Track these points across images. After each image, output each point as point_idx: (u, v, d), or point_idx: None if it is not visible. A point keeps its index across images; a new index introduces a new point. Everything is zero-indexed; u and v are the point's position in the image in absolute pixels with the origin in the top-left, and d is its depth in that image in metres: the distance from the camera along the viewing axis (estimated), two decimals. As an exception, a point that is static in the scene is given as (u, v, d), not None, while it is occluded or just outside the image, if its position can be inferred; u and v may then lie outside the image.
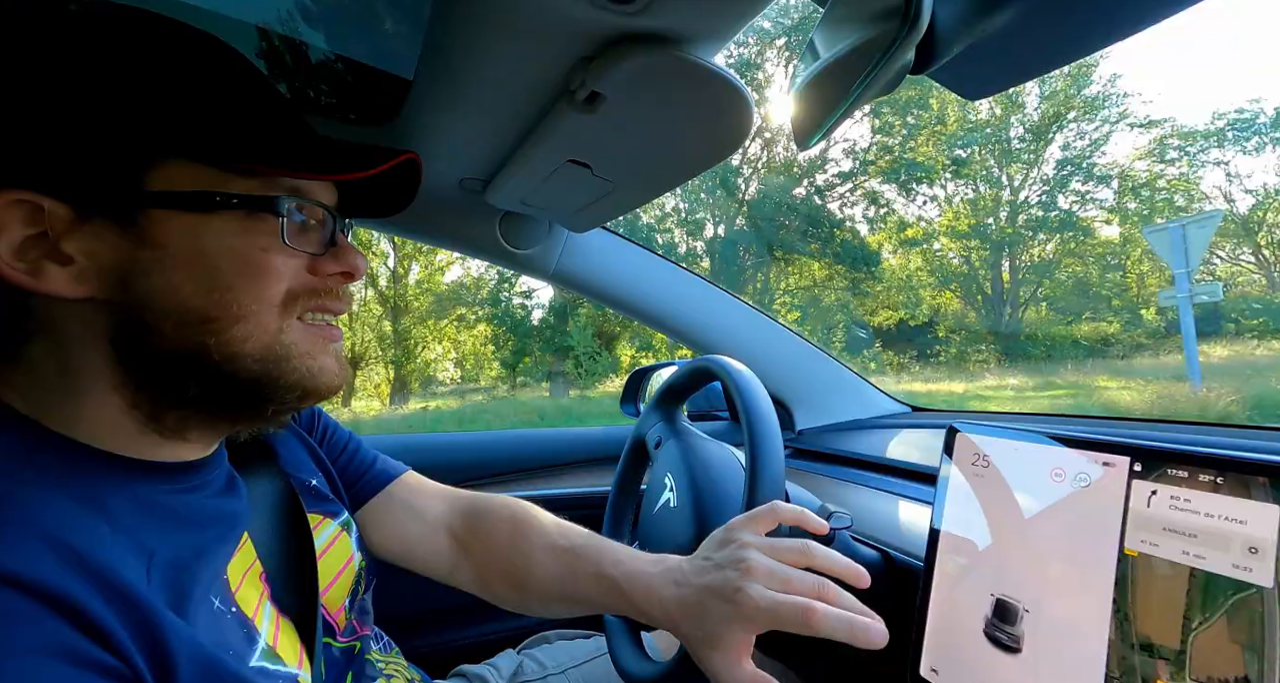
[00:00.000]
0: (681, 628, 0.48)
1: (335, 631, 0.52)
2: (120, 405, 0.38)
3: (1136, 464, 0.42)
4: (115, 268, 0.35)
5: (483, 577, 0.64)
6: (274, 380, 0.40)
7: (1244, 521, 0.36)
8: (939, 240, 17.05)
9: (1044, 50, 0.44)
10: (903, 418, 1.23)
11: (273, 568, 0.45)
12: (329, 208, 0.43)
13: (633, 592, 0.52)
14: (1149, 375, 10.01)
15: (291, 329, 0.41)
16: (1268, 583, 0.34)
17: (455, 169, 0.81)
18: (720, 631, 0.45)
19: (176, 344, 0.37)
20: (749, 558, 0.47)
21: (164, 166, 0.36)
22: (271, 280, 0.39)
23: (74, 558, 0.30)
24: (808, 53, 0.46)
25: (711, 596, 0.46)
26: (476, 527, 0.65)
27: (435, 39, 0.55)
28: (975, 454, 0.53)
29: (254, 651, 0.39)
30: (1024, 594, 0.46)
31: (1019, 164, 16.24)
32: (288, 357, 0.40)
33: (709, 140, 0.62)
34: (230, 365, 0.38)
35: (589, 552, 0.57)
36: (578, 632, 0.93)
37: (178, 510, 0.39)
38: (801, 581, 0.46)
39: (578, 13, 0.46)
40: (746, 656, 0.45)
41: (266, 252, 0.39)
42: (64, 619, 0.28)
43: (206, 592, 0.37)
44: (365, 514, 0.64)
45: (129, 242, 0.35)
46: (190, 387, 0.38)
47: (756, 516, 0.52)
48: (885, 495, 0.83)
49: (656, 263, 1.09)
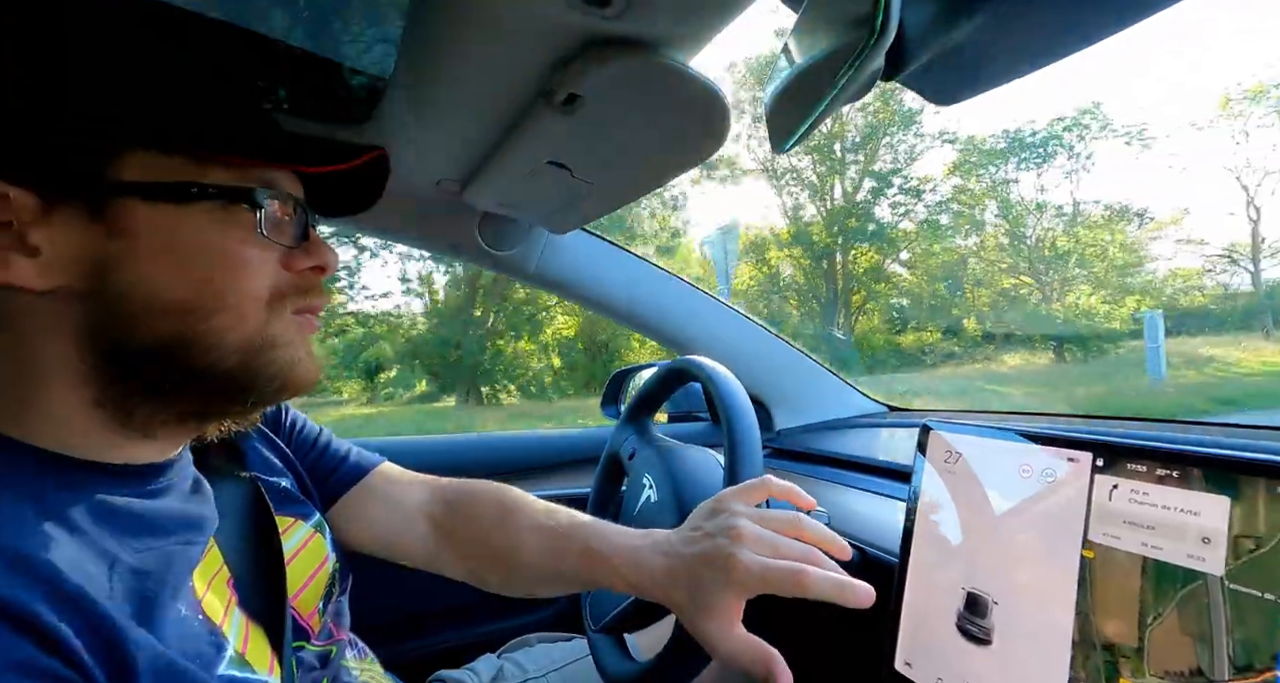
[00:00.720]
0: (673, 597, 0.48)
1: (309, 634, 0.51)
2: (85, 402, 0.37)
3: (1099, 459, 0.44)
4: (86, 259, 0.35)
5: (468, 561, 0.63)
6: (254, 371, 0.39)
7: (1197, 512, 0.37)
8: (770, 250, 17.63)
9: (1013, 57, 0.45)
10: (879, 417, 1.25)
11: (240, 573, 0.44)
12: (301, 201, 0.42)
13: (621, 565, 0.52)
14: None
15: (276, 323, 0.40)
16: (1219, 571, 0.36)
17: (432, 169, 0.80)
18: (712, 598, 0.45)
19: (155, 335, 0.36)
20: (740, 525, 0.47)
21: (134, 155, 0.35)
22: (249, 273, 0.39)
23: (30, 569, 0.29)
24: (782, 57, 0.46)
25: (702, 563, 0.47)
26: (462, 510, 0.64)
27: (413, 38, 0.55)
28: (948, 451, 0.55)
29: (222, 658, 0.38)
30: (993, 587, 0.48)
31: (842, 176, 16.97)
32: (271, 347, 0.40)
33: (687, 143, 0.63)
34: (210, 356, 0.38)
35: (576, 530, 0.57)
36: (558, 635, 0.93)
37: (140, 516, 0.38)
38: (790, 547, 0.47)
39: (555, 15, 0.46)
40: (739, 621, 0.45)
41: (242, 243, 0.38)
42: (22, 635, 0.28)
43: (172, 599, 0.37)
44: (340, 509, 0.62)
45: (99, 232, 0.35)
46: (167, 379, 0.37)
47: (750, 487, 0.52)
48: (862, 494, 0.85)
49: (636, 264, 1.09)
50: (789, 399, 1.24)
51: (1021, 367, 14.20)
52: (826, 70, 0.37)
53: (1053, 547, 0.45)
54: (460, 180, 0.82)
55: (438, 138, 0.71)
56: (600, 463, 0.87)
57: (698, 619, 0.46)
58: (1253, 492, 0.35)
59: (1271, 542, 0.34)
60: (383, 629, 0.97)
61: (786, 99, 0.45)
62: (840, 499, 0.83)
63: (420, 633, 1.07)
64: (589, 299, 1.11)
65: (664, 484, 0.69)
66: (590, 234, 1.05)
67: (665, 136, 0.62)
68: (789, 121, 0.44)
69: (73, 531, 0.33)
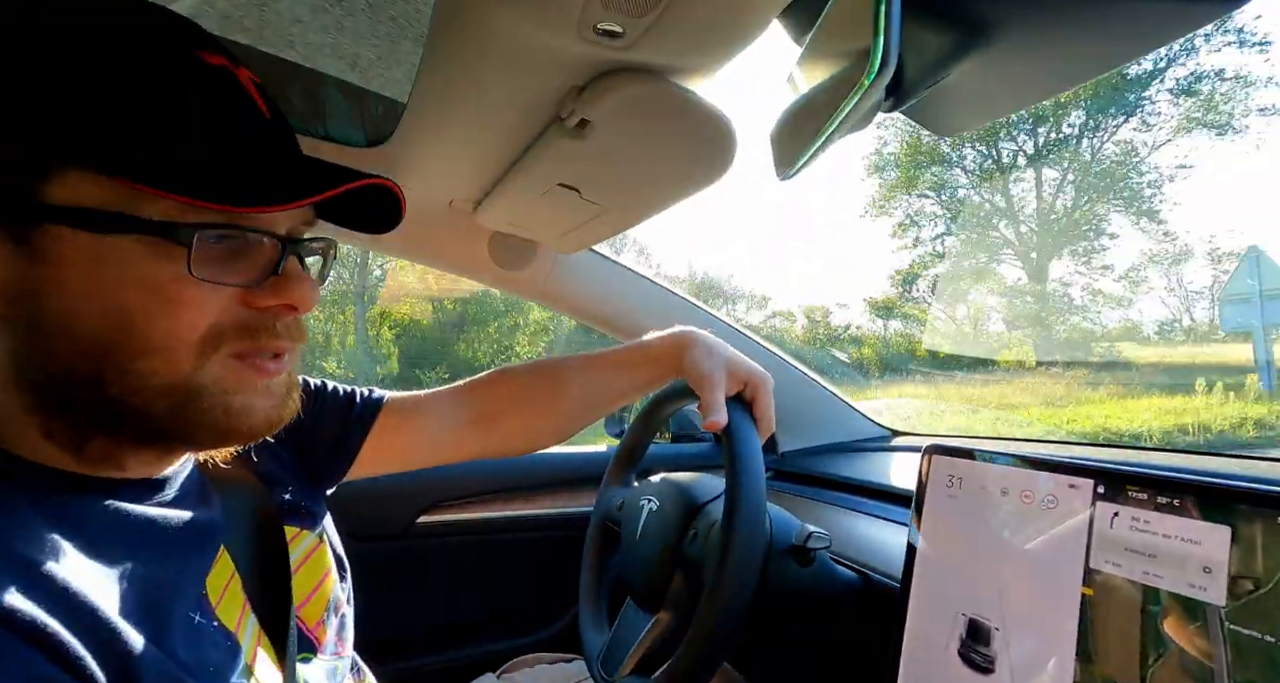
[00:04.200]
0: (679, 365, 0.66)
1: (316, 647, 0.51)
2: (39, 429, 0.35)
3: (1100, 486, 0.44)
4: (9, 285, 0.32)
5: (518, 433, 0.72)
6: (185, 420, 0.36)
7: (1199, 541, 0.37)
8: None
9: (1013, 90, 0.46)
10: (883, 442, 1.24)
11: (250, 581, 0.44)
12: (273, 233, 0.38)
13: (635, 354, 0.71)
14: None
15: (211, 366, 0.36)
16: (1220, 602, 0.35)
17: (446, 190, 0.83)
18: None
19: (74, 370, 0.33)
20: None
21: (66, 177, 0.31)
22: (185, 313, 0.34)
23: (42, 581, 0.29)
24: (788, 87, 0.48)
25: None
26: (504, 390, 0.72)
27: (430, 64, 0.57)
28: (950, 477, 0.55)
29: (237, 665, 0.38)
30: (995, 614, 0.47)
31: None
32: (200, 396, 0.36)
33: (694, 168, 0.64)
34: (133, 399, 0.34)
35: (607, 353, 0.72)
36: (558, 656, 0.92)
37: (149, 525, 0.38)
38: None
39: (570, 45, 0.48)
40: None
41: (176, 281, 0.33)
42: (35, 649, 0.28)
43: (185, 608, 0.37)
44: (373, 441, 0.64)
45: (22, 258, 0.32)
46: (101, 413, 0.35)
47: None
48: (864, 518, 0.84)
49: (644, 284, 1.11)
50: (793, 421, 1.23)
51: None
52: (829, 101, 0.38)
53: (1054, 573, 0.44)
54: (472, 201, 0.84)
55: (452, 159, 0.73)
56: (590, 529, 0.81)
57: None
58: (1251, 523, 0.35)
59: (1270, 583, 0.34)
60: (381, 645, 0.96)
61: (791, 128, 0.46)
62: (843, 523, 0.83)
63: (420, 651, 1.06)
64: (597, 318, 1.12)
65: (665, 492, 0.69)
66: (598, 254, 1.07)
67: (673, 161, 0.63)
68: (793, 150, 0.45)
69: (84, 541, 0.33)
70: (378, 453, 0.65)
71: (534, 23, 0.46)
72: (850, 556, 0.70)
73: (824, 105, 0.39)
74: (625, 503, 0.76)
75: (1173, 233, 12.37)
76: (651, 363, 0.70)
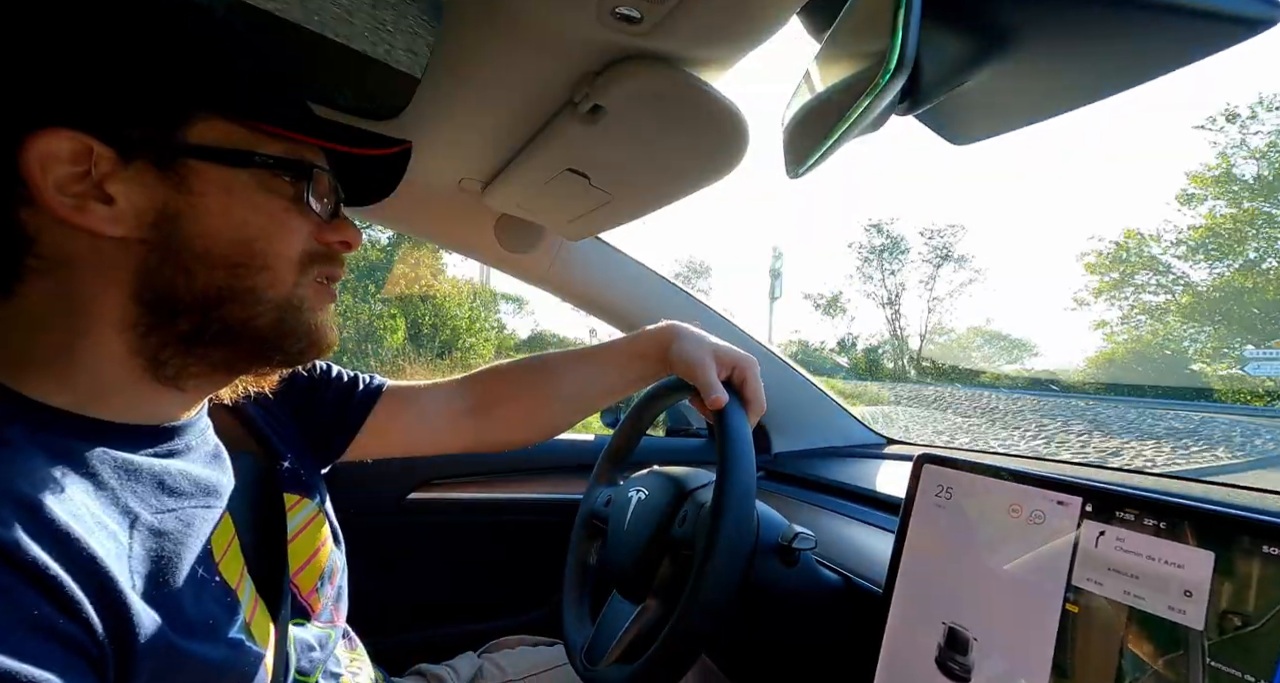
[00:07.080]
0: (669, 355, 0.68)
1: (310, 613, 0.52)
2: (122, 349, 0.38)
3: (1088, 504, 0.44)
4: (154, 210, 0.38)
5: (515, 420, 0.74)
6: (284, 331, 0.42)
7: (1181, 564, 0.37)
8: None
9: (1031, 102, 0.46)
10: (875, 449, 1.24)
11: (248, 544, 0.45)
12: (335, 182, 0.46)
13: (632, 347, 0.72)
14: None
15: (303, 286, 0.44)
16: (1198, 625, 0.35)
17: (455, 169, 0.82)
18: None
19: (204, 286, 0.39)
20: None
21: (203, 121, 0.39)
22: (292, 237, 0.42)
23: (48, 524, 0.30)
24: (802, 85, 0.47)
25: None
26: (497, 383, 0.74)
27: (446, 40, 0.57)
28: (939, 486, 0.54)
29: (235, 621, 0.39)
30: (975, 624, 0.47)
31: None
32: (301, 308, 0.43)
33: (704, 161, 0.64)
34: (249, 311, 0.41)
35: (595, 349, 0.75)
36: (540, 639, 0.93)
37: (161, 476, 0.39)
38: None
39: (587, 29, 0.48)
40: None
41: (287, 211, 0.42)
42: (38, 591, 0.28)
43: (190, 560, 0.37)
44: (372, 424, 0.67)
45: (167, 187, 0.38)
46: (205, 330, 0.40)
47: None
48: (852, 522, 0.84)
49: (648, 275, 1.10)
50: (788, 423, 1.23)
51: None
52: (843, 101, 0.38)
53: (1037, 587, 0.44)
54: (481, 181, 0.84)
55: (463, 138, 0.73)
56: (576, 524, 0.78)
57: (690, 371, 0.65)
58: (1239, 551, 0.35)
59: (1259, 621, 0.34)
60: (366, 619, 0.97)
61: (804, 125, 0.46)
62: (830, 526, 0.83)
63: (405, 625, 1.07)
64: (599, 307, 1.12)
65: (655, 482, 0.68)
66: (604, 243, 1.06)
67: (684, 152, 0.63)
68: (805, 148, 0.45)
69: (96, 487, 0.34)
70: (376, 437, 0.67)
71: (551, 4, 0.46)
72: (835, 558, 0.70)
73: (837, 104, 0.39)
74: (613, 498, 0.76)
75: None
76: (640, 357, 0.72)
